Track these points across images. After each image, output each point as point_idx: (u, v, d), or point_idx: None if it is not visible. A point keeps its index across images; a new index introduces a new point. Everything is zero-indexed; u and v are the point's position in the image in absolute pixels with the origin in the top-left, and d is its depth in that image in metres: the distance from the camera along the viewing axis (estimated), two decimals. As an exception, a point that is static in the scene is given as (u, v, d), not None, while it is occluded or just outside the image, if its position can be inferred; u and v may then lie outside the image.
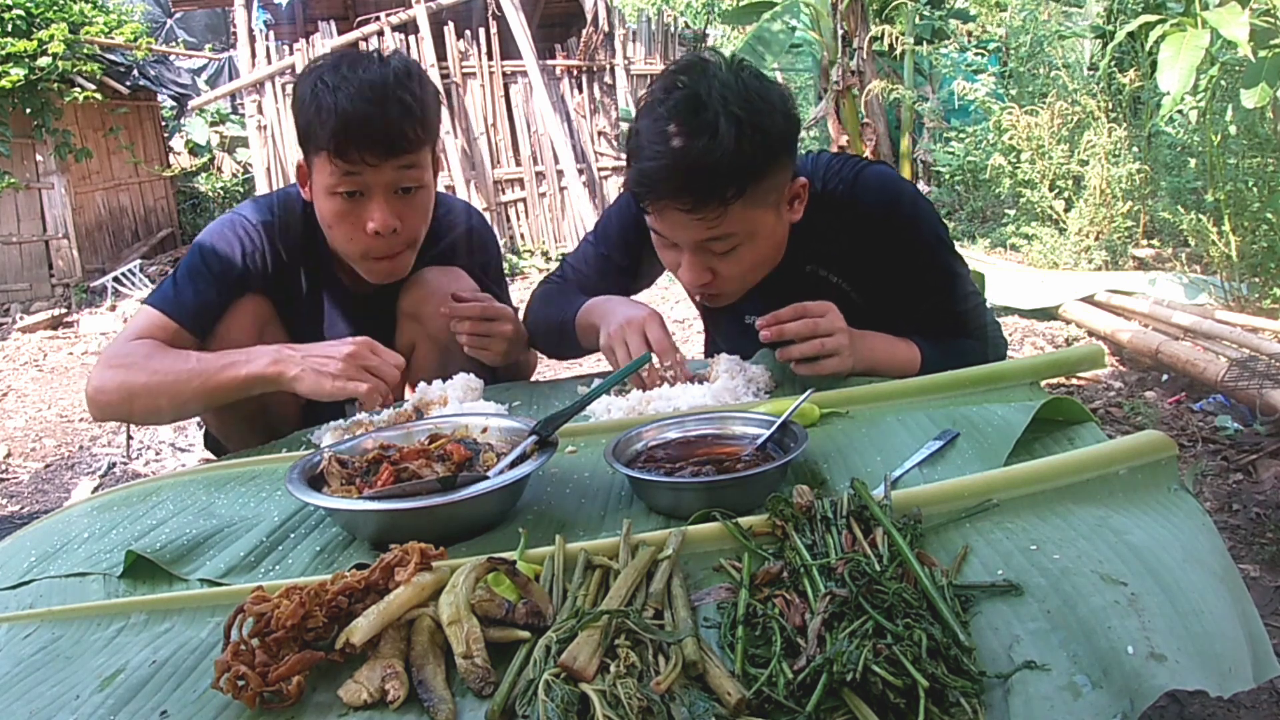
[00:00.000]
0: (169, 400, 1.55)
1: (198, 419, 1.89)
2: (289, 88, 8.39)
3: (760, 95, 1.38)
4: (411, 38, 8.51)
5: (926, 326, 1.61)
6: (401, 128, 1.54)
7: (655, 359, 1.50)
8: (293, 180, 1.79)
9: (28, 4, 8.28)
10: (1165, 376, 3.66)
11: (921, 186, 8.43)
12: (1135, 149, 5.58)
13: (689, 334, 5.20)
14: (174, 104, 11.92)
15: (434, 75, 8.44)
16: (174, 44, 12.73)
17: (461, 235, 1.88)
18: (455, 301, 1.70)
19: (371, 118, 1.51)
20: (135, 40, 9.38)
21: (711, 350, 1.88)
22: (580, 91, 9.06)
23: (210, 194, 11.31)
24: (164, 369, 1.53)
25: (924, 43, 8.01)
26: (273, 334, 1.72)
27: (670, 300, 6.03)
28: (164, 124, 11.36)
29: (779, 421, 1.17)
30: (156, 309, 1.63)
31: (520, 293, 7.54)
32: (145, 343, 1.58)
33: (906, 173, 8.49)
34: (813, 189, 1.57)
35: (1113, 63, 5.44)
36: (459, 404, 1.52)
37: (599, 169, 9.05)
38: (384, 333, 1.73)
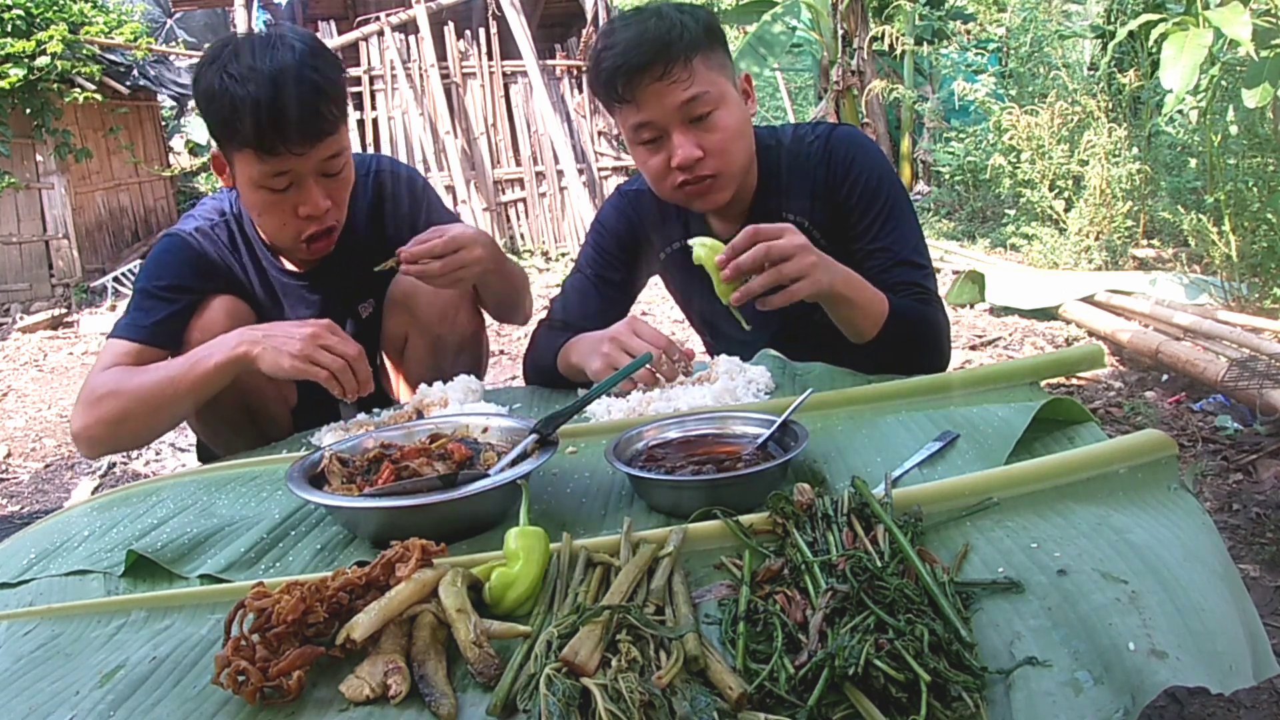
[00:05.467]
0: (149, 415, 1.53)
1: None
2: (289, 88, 8.39)
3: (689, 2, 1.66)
4: (411, 38, 8.52)
5: (892, 284, 1.57)
6: (320, 112, 1.50)
7: (660, 357, 1.52)
8: None
9: (27, 4, 8.29)
10: (1165, 376, 3.66)
11: (921, 186, 8.45)
12: (1135, 149, 5.58)
13: (688, 334, 5.19)
14: (174, 104, 11.93)
15: (434, 75, 8.46)
16: (174, 44, 12.73)
17: (392, 192, 1.85)
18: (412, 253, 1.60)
19: (289, 107, 1.45)
20: (135, 40, 9.38)
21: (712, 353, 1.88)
22: (580, 91, 9.06)
23: (210, 193, 11.27)
24: (136, 387, 1.52)
25: (924, 43, 8.02)
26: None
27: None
28: (164, 124, 11.37)
29: (779, 421, 1.17)
30: (118, 337, 1.62)
31: (520, 293, 7.55)
32: (114, 371, 1.56)
33: (906, 172, 8.51)
34: (785, 144, 1.74)
35: (1113, 62, 5.44)
36: (459, 405, 1.52)
37: (599, 169, 9.05)
38: (336, 310, 1.75)
